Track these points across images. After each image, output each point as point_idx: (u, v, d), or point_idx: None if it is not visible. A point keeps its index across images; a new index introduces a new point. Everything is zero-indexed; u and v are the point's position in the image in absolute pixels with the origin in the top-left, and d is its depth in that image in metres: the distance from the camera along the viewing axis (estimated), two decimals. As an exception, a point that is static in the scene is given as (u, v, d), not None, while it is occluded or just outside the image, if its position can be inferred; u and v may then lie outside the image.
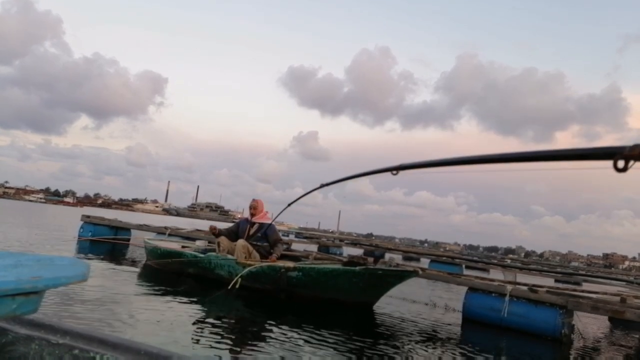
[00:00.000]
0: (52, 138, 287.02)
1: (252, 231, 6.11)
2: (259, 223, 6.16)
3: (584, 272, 15.74)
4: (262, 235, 6.06)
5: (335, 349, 3.39)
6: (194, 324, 3.74)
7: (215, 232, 6.24)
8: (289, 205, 4.40)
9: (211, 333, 3.53)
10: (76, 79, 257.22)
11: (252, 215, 6.26)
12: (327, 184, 2.58)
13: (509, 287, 4.95)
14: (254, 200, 6.37)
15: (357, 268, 5.19)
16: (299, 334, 3.75)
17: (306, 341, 3.52)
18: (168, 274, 6.27)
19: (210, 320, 4.12)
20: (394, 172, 1.65)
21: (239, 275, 5.24)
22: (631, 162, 0.83)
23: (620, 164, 0.84)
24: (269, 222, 6.22)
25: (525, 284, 5.50)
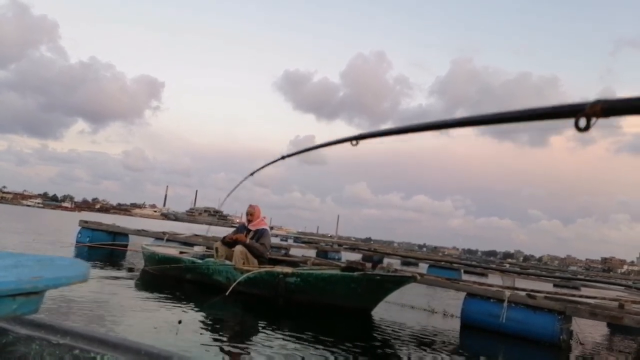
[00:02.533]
0: (48, 142, 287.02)
1: (248, 237, 6.11)
2: (254, 229, 6.16)
3: (582, 277, 15.74)
4: (256, 240, 6.07)
5: (332, 354, 3.38)
6: (192, 329, 3.73)
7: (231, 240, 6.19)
8: (251, 175, 4.15)
9: (209, 338, 3.53)
10: (72, 83, 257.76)
11: (249, 221, 6.26)
12: (288, 155, 2.62)
13: (508, 293, 4.95)
14: (250, 206, 6.38)
15: (355, 273, 5.19)
16: (296, 339, 3.74)
17: (304, 346, 3.51)
18: (166, 279, 6.26)
19: (209, 325, 4.11)
20: (354, 142, 1.62)
21: (237, 281, 5.23)
22: (593, 120, 0.78)
23: (582, 122, 0.79)
24: (265, 227, 6.24)
25: (523, 289, 5.50)
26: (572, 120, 0.80)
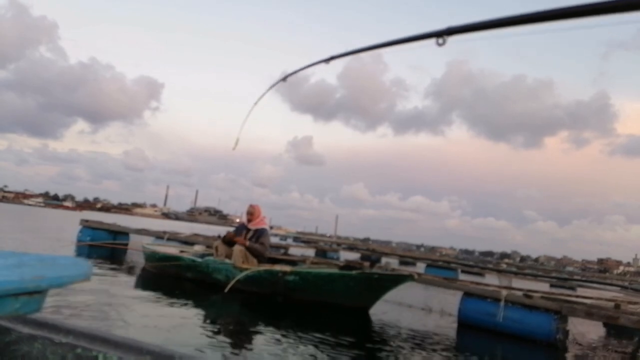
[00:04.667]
0: (49, 142, 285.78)
1: (247, 236, 6.14)
2: (254, 229, 6.19)
3: (578, 277, 15.80)
4: (255, 240, 6.10)
5: (331, 352, 3.42)
6: (192, 326, 3.77)
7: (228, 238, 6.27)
8: (283, 80, 2.88)
9: (210, 335, 3.56)
10: (72, 83, 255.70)
11: (249, 221, 6.29)
12: (338, 56, 2.04)
13: (504, 292, 4.98)
14: (250, 206, 6.40)
15: (354, 272, 5.23)
16: (295, 337, 3.78)
17: (302, 344, 3.55)
18: (166, 278, 6.30)
19: (209, 322, 4.15)
20: (440, 39, 1.18)
21: (236, 279, 5.27)
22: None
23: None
24: (264, 226, 6.27)
25: (520, 289, 5.54)
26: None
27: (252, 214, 6.29)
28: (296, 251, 14.18)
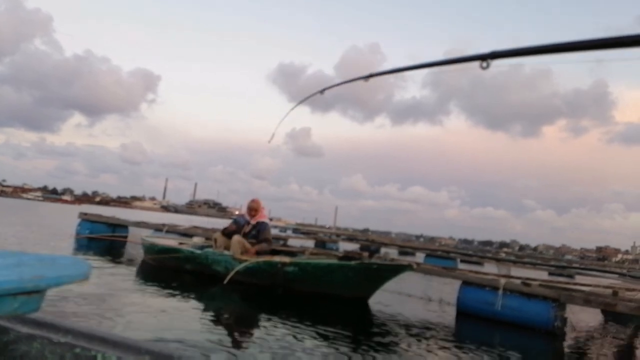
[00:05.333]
0: (46, 136, 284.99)
1: (247, 230, 6.16)
2: (254, 223, 6.20)
3: (577, 265, 15.88)
4: (255, 233, 6.11)
5: (330, 342, 3.44)
6: (191, 318, 3.78)
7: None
8: (321, 93, 2.91)
9: (209, 328, 3.57)
10: (68, 76, 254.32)
11: (252, 216, 6.29)
12: (376, 75, 2.03)
13: (503, 281, 5.01)
14: (253, 201, 6.40)
15: (353, 262, 5.25)
16: (295, 328, 3.80)
17: (302, 335, 3.56)
18: (166, 270, 6.31)
19: (208, 314, 4.17)
20: (484, 63, 1.20)
21: (235, 270, 5.29)
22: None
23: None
24: (264, 219, 6.29)
25: (518, 278, 5.56)
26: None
27: (256, 209, 6.30)
28: (295, 242, 14.22)
